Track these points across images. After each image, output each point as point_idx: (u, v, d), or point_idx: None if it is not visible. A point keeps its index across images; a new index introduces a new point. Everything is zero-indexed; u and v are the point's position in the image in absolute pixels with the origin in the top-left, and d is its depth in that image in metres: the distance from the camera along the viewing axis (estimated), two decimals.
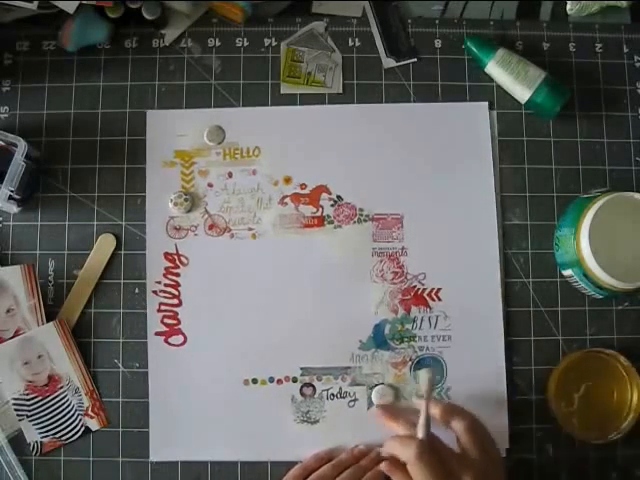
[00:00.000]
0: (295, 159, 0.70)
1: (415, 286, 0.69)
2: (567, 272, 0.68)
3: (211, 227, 0.69)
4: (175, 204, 0.69)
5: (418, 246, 0.69)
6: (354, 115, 0.71)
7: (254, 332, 0.68)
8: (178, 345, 0.67)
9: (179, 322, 0.68)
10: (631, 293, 0.64)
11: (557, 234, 0.69)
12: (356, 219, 0.69)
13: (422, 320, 0.68)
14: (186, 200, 0.69)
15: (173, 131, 0.70)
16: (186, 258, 0.69)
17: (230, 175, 0.70)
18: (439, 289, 0.69)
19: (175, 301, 0.68)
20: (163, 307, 0.68)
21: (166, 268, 0.68)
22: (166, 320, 0.68)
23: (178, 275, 0.68)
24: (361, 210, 0.70)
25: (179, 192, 0.69)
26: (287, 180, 0.70)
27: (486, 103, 0.71)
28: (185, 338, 0.68)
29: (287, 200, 0.70)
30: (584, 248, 0.63)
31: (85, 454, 0.66)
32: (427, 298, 0.68)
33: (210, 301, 0.68)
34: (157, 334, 0.67)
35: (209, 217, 0.69)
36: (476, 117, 0.71)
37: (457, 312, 0.68)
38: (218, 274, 0.68)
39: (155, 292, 0.68)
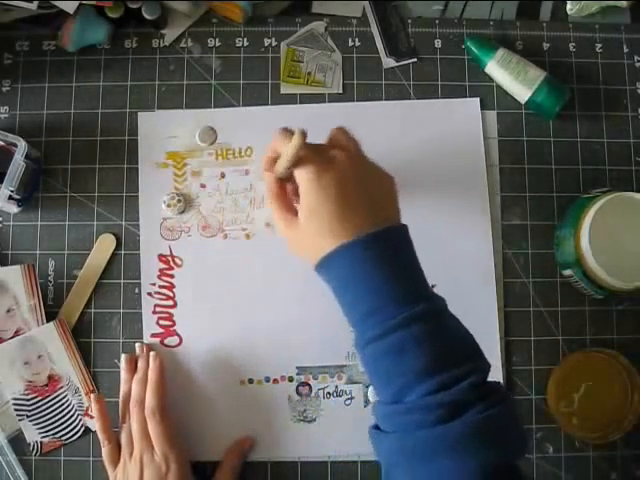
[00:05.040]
0: None
1: None
2: (567, 272, 0.68)
3: (204, 228, 0.69)
4: (168, 205, 0.69)
5: None
6: (343, 113, 0.71)
7: (249, 332, 0.67)
8: (174, 346, 0.67)
9: (174, 323, 0.68)
10: (631, 293, 0.64)
11: (557, 234, 0.69)
12: None
13: None
14: (179, 201, 0.69)
15: (165, 132, 0.70)
16: (180, 259, 0.69)
17: (223, 175, 0.70)
18: (433, 286, 0.68)
19: (170, 302, 0.68)
20: (158, 309, 0.68)
21: (160, 269, 0.68)
22: (161, 322, 0.68)
23: (172, 276, 0.68)
24: None
25: (172, 193, 0.69)
26: None
27: (477, 99, 0.71)
28: (180, 339, 0.67)
29: None
30: (584, 248, 0.63)
31: (85, 454, 0.66)
32: None
33: (205, 302, 0.68)
34: (153, 336, 0.67)
35: (202, 218, 0.69)
36: (468, 113, 0.71)
37: (452, 309, 0.68)
38: (212, 275, 0.68)
39: (150, 294, 0.68)
